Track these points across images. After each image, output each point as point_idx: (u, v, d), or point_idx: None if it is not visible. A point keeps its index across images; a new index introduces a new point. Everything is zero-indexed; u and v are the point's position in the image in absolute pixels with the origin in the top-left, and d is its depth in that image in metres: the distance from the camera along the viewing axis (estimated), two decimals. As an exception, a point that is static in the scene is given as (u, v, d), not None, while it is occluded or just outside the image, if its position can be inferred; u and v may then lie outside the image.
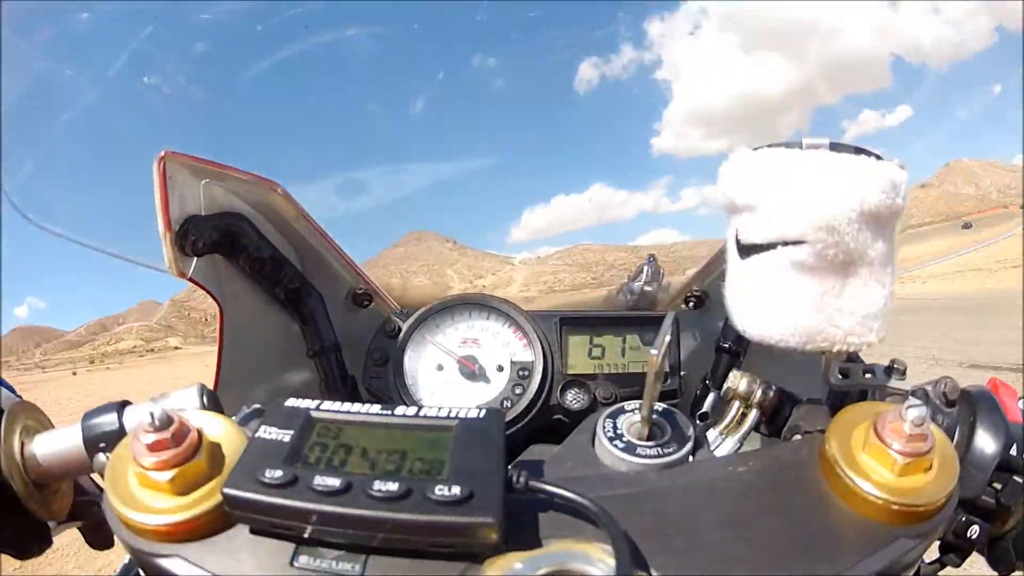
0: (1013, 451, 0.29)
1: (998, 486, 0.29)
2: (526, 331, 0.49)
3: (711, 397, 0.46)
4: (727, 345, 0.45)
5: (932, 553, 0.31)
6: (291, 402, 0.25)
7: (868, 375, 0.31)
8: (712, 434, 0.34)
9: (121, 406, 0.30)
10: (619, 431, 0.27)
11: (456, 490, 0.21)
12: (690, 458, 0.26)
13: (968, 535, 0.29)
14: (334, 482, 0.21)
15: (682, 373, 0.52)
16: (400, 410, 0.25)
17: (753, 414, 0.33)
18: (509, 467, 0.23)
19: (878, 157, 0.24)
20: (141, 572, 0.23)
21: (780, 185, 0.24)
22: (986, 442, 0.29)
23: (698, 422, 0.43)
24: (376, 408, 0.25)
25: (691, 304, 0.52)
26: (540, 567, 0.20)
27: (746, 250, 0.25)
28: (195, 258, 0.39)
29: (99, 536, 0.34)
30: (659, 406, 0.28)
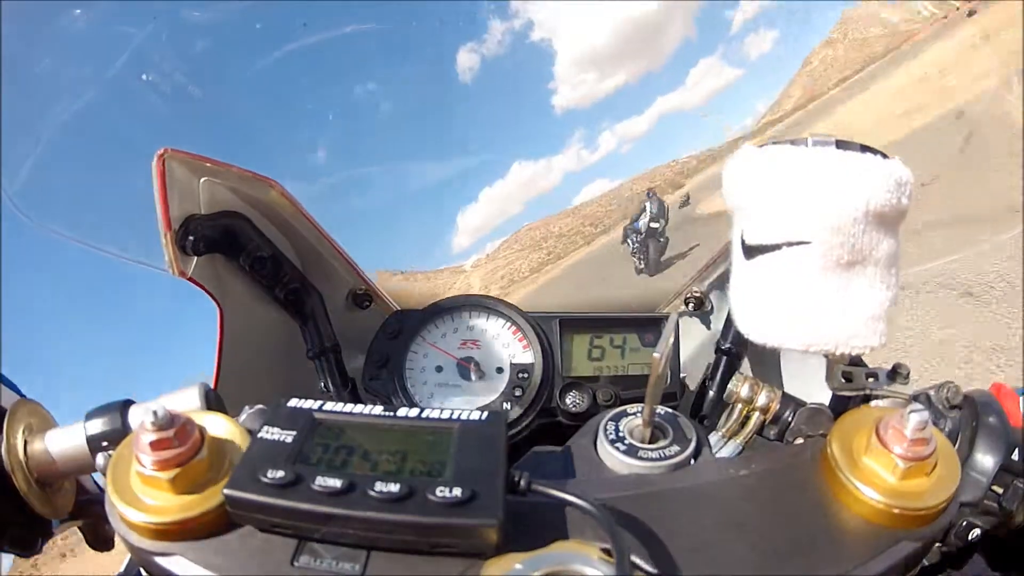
0: (1015, 455, 0.30)
1: (999, 490, 0.29)
2: (526, 333, 0.49)
3: (711, 398, 0.46)
4: (727, 347, 0.45)
5: (933, 556, 0.31)
6: (293, 402, 0.25)
7: (871, 379, 0.31)
8: (714, 437, 0.34)
9: (124, 405, 0.30)
10: (621, 434, 0.27)
11: (458, 491, 0.21)
12: (692, 461, 0.26)
13: (970, 538, 0.29)
14: (335, 483, 0.21)
15: (682, 375, 0.52)
16: (402, 411, 0.25)
17: (755, 418, 0.33)
18: (511, 469, 0.23)
19: (884, 155, 0.24)
20: (143, 571, 0.23)
21: (786, 184, 0.24)
22: (988, 446, 0.29)
23: (699, 424, 0.43)
24: (378, 409, 0.25)
25: (691, 305, 0.52)
26: (540, 568, 0.20)
27: (751, 250, 0.25)
28: (195, 257, 0.38)
29: (99, 536, 0.34)
30: (661, 409, 0.28)
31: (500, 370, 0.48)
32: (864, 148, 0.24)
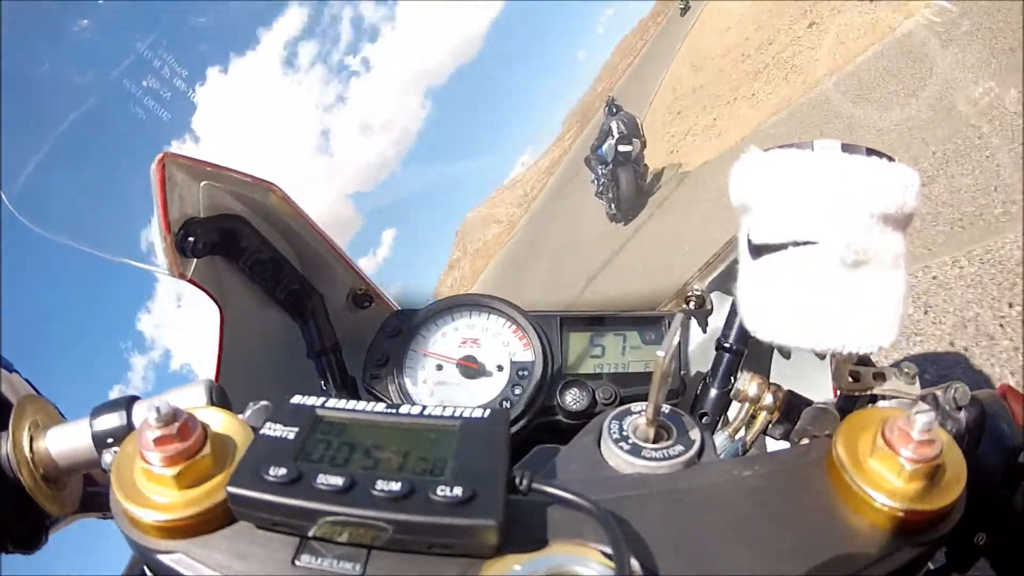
0: (1021, 458, 0.29)
1: (1006, 492, 0.29)
2: (526, 331, 0.49)
3: (713, 396, 0.45)
4: (729, 344, 0.45)
5: (938, 559, 0.31)
6: (296, 399, 0.25)
7: (878, 379, 0.31)
8: (720, 437, 0.34)
9: (129, 402, 0.30)
10: (624, 433, 0.27)
11: (458, 490, 0.20)
12: (696, 461, 0.26)
13: (975, 541, 0.29)
14: (337, 481, 0.21)
15: (683, 372, 0.52)
16: (404, 409, 0.25)
17: (762, 417, 0.33)
18: (513, 468, 0.23)
19: (890, 158, 0.24)
20: (146, 570, 0.24)
21: (792, 186, 0.24)
22: (995, 448, 0.29)
23: (700, 421, 0.42)
24: (381, 407, 0.25)
25: (691, 304, 0.52)
26: (539, 569, 0.20)
27: (757, 250, 0.25)
28: (195, 260, 0.39)
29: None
30: (665, 407, 0.28)
31: (500, 368, 0.48)
32: (870, 151, 0.24)
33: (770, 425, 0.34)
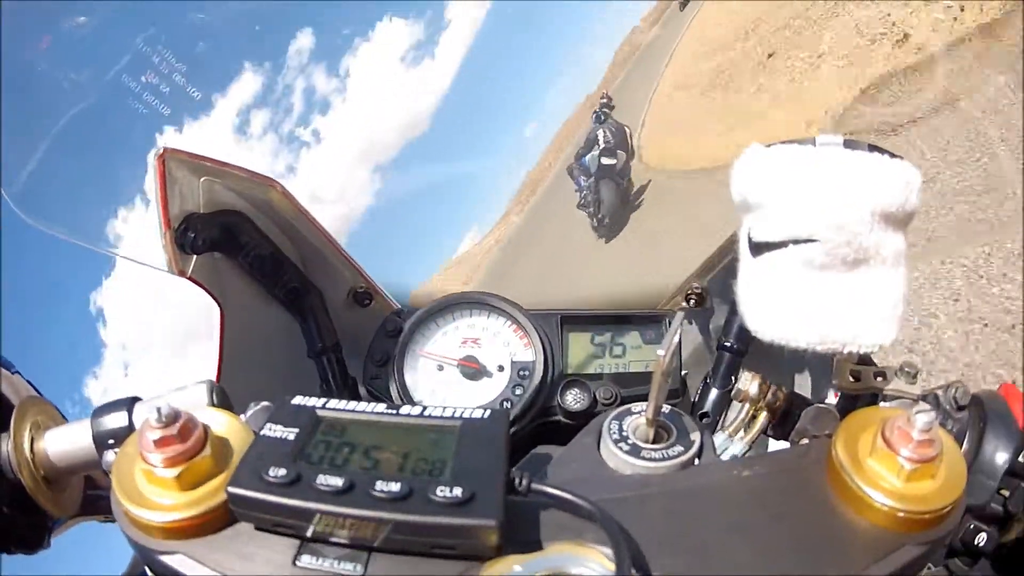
0: (1022, 457, 0.29)
1: (1006, 493, 0.29)
2: (527, 330, 0.49)
3: (713, 396, 0.45)
4: (729, 343, 0.45)
5: (938, 560, 0.31)
6: (297, 400, 0.25)
7: (879, 378, 0.31)
8: (720, 437, 0.34)
9: (131, 403, 0.30)
10: (624, 433, 0.27)
11: (458, 491, 0.21)
12: (695, 461, 0.26)
13: (976, 542, 0.29)
14: (337, 481, 0.21)
15: (683, 372, 0.52)
16: (405, 409, 0.25)
17: (762, 417, 0.33)
18: (512, 469, 0.23)
19: (892, 155, 0.24)
20: (147, 570, 0.24)
21: (792, 182, 0.24)
22: (996, 448, 0.29)
23: (700, 422, 0.42)
24: (381, 407, 0.25)
25: (691, 302, 0.52)
26: (539, 570, 0.20)
27: (758, 248, 0.25)
28: (194, 256, 0.38)
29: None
30: (665, 408, 0.28)
31: (501, 368, 0.48)
32: (872, 147, 0.24)
33: (771, 425, 0.34)
